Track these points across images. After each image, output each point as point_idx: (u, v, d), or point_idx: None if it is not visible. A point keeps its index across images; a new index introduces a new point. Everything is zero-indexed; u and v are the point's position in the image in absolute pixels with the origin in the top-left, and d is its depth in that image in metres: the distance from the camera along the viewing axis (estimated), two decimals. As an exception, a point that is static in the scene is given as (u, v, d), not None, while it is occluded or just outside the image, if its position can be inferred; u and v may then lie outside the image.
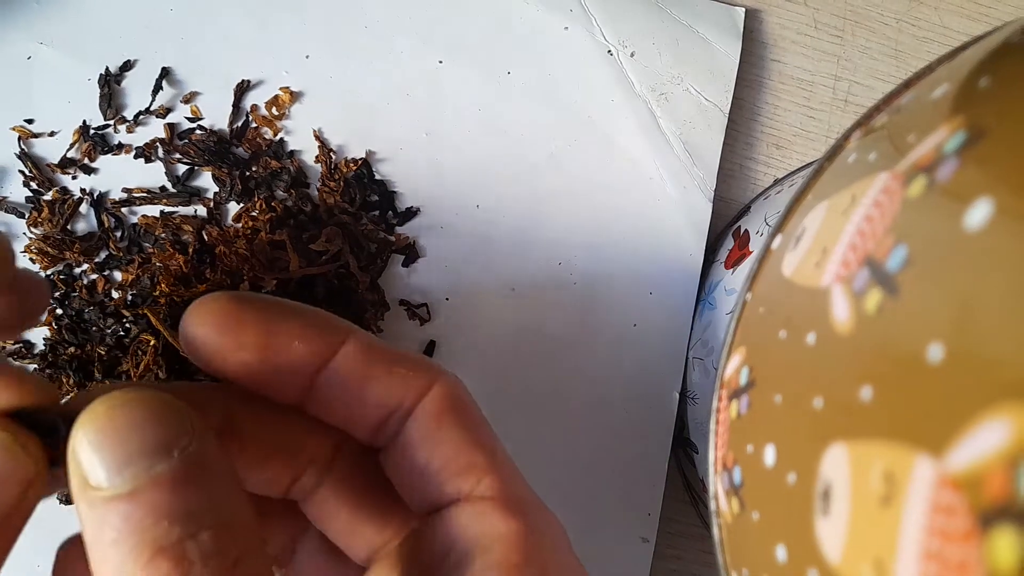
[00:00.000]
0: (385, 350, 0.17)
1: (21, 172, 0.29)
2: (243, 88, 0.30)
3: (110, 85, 0.30)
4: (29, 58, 0.30)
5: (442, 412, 0.16)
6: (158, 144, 0.30)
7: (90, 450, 0.12)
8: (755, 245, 0.28)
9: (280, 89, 0.31)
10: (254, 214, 0.29)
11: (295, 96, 0.31)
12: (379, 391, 0.16)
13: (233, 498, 0.13)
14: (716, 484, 0.17)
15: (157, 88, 0.30)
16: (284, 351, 0.15)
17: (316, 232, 0.29)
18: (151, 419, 0.13)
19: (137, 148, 0.30)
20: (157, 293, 0.28)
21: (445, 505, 0.16)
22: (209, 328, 0.15)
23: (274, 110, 0.31)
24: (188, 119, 0.30)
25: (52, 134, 0.30)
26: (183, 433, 0.13)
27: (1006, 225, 0.11)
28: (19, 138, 0.29)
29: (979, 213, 0.11)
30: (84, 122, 0.30)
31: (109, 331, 0.28)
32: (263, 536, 0.18)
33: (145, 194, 0.30)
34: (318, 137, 0.31)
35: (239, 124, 0.30)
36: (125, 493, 0.12)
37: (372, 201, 0.30)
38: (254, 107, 0.31)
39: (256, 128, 0.30)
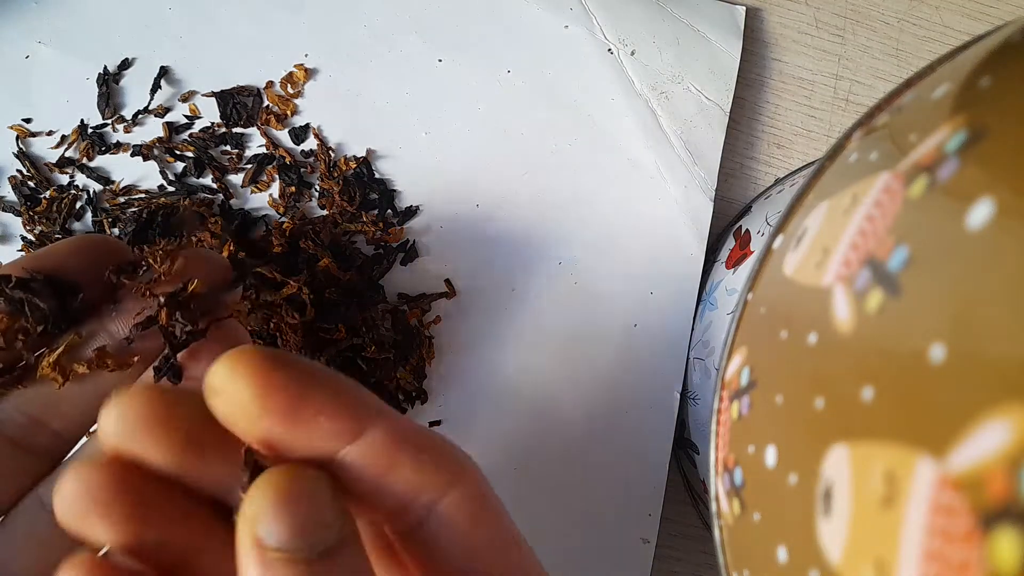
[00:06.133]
0: (414, 436, 0.15)
1: (19, 171, 0.29)
2: (230, 95, 0.30)
3: (108, 84, 0.30)
4: (27, 57, 0.30)
5: (474, 513, 0.16)
6: (156, 143, 0.30)
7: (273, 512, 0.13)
8: (756, 245, 0.28)
9: (295, 66, 0.30)
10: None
11: (310, 73, 0.31)
12: (401, 481, 0.15)
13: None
14: (717, 485, 0.17)
15: (156, 87, 0.30)
16: (306, 424, 0.14)
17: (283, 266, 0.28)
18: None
19: (135, 147, 0.30)
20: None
21: None
22: (241, 384, 0.14)
23: (289, 88, 0.30)
24: (186, 117, 0.30)
25: (50, 133, 0.30)
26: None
27: (1007, 225, 0.11)
28: (17, 137, 0.29)
29: (980, 213, 0.11)
30: (82, 121, 0.30)
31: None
32: None
33: (144, 194, 0.30)
34: (317, 135, 0.30)
35: (240, 121, 0.30)
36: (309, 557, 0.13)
37: (372, 199, 0.30)
38: (269, 83, 0.30)
39: (268, 108, 0.30)
